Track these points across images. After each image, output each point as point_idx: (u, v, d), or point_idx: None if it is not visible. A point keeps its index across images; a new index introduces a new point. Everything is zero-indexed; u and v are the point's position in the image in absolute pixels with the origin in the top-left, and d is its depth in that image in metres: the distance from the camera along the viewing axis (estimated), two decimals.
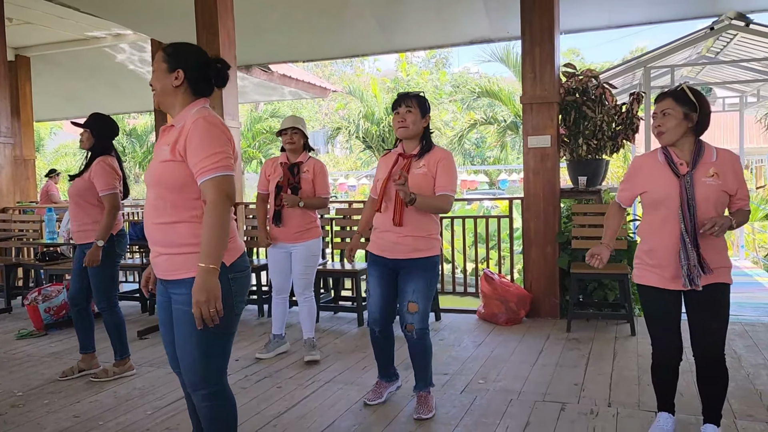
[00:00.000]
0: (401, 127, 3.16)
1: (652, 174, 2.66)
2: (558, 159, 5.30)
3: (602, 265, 2.71)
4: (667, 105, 2.61)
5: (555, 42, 5.22)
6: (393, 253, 3.16)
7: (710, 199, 2.55)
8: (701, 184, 2.56)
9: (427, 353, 3.25)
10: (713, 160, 2.59)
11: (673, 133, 2.59)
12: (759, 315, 5.62)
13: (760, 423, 3.01)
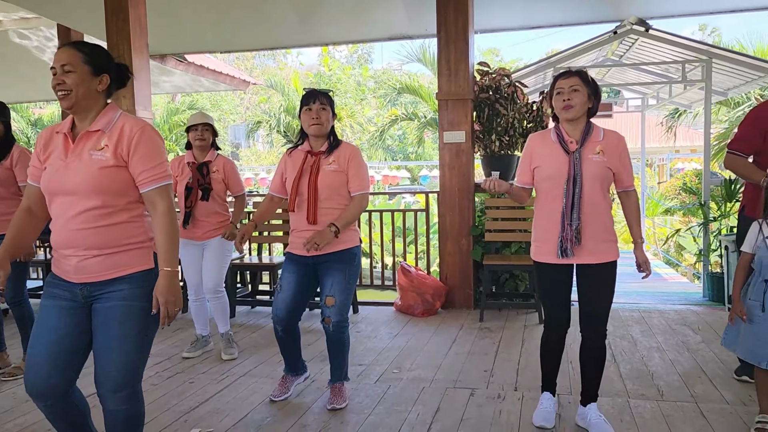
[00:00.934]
0: (315, 125, 3.12)
1: (544, 151, 2.80)
2: (472, 154, 5.46)
3: (494, 187, 2.80)
4: (575, 82, 2.72)
5: (470, 40, 5.36)
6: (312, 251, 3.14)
7: (596, 176, 2.71)
8: (588, 160, 2.72)
9: (345, 347, 3.25)
10: (600, 139, 2.76)
11: (580, 109, 2.72)
12: (655, 303, 6.00)
13: (650, 401, 3.23)
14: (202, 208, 4.03)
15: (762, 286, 2.69)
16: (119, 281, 2.09)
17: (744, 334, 2.75)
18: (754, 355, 2.73)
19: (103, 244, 2.06)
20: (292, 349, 3.35)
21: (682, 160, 21.67)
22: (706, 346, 4.17)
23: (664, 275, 8.75)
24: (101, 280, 2.08)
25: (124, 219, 2.10)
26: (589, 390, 2.92)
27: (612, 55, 8.45)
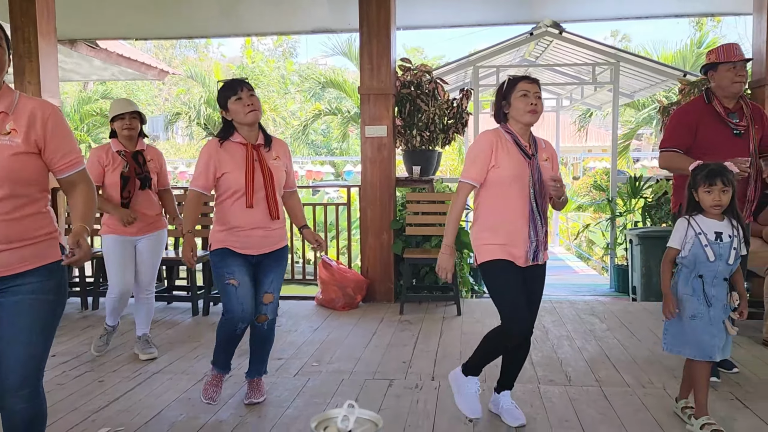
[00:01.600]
0: (253, 111, 2.95)
1: (502, 151, 2.73)
2: (394, 149, 5.52)
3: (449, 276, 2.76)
4: (537, 89, 2.76)
5: (392, 36, 5.41)
6: (260, 249, 3.05)
7: (545, 180, 2.79)
8: (542, 166, 2.78)
9: (271, 343, 3.24)
10: (544, 147, 2.85)
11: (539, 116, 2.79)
12: (566, 294, 6.30)
13: (558, 386, 3.39)
14: (141, 199, 3.82)
15: (697, 282, 2.71)
16: (32, 274, 1.99)
17: (689, 333, 2.73)
18: (703, 352, 2.71)
19: (13, 238, 1.94)
20: (236, 345, 3.21)
21: (594, 159, 22.72)
22: (610, 333, 4.41)
23: (575, 268, 9.17)
24: (8, 275, 1.96)
25: (33, 210, 2.00)
26: (507, 380, 2.98)
27: (529, 56, 8.76)
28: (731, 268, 2.71)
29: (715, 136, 3.38)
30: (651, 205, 6.50)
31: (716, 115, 3.41)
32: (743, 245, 2.72)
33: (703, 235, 2.68)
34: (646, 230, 6.01)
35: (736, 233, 2.69)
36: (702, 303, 2.71)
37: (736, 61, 3.36)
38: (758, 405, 3.07)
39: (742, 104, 3.44)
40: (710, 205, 2.67)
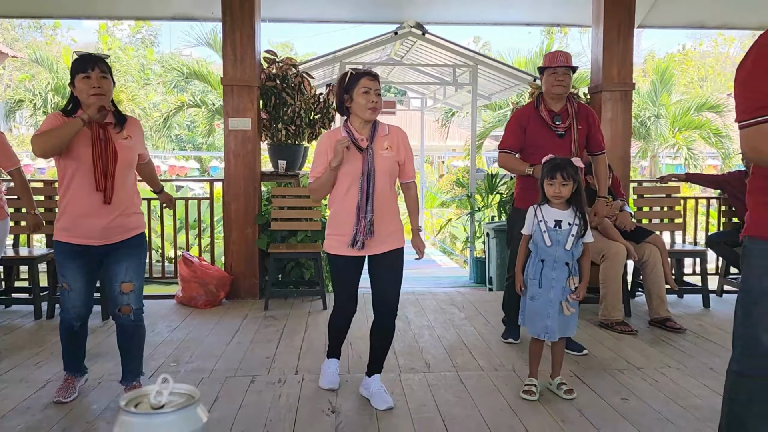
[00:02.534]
0: (98, 95, 2.77)
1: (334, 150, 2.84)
2: (259, 142, 5.41)
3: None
4: (378, 86, 2.85)
5: (256, 26, 5.30)
6: (105, 239, 2.86)
7: (386, 170, 2.89)
8: (379, 156, 2.88)
9: (143, 337, 3.11)
10: (386, 134, 2.93)
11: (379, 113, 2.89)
12: (429, 286, 6.54)
13: (419, 374, 3.51)
14: None
15: (539, 265, 2.97)
16: None
17: (528, 312, 3.05)
18: (534, 329, 3.03)
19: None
20: (82, 346, 3.12)
21: (458, 158, 23.79)
22: (468, 322, 4.64)
23: (438, 262, 9.54)
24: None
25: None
26: (376, 363, 3.13)
27: (395, 55, 8.97)
28: (571, 254, 2.94)
29: (541, 138, 3.73)
30: (506, 200, 6.92)
31: (542, 119, 3.74)
32: (590, 234, 2.98)
33: (543, 223, 2.95)
34: (502, 224, 6.39)
35: (578, 222, 2.93)
36: (539, 285, 2.95)
37: (556, 66, 3.69)
38: (593, 380, 3.38)
39: (568, 107, 3.76)
40: (551, 195, 2.94)
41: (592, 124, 3.85)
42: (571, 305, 2.99)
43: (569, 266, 2.95)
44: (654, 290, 4.52)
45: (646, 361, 3.69)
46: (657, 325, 4.44)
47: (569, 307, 2.98)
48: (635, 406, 3.02)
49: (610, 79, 5.44)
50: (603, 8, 5.42)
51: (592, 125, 3.85)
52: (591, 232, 3.03)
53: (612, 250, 4.42)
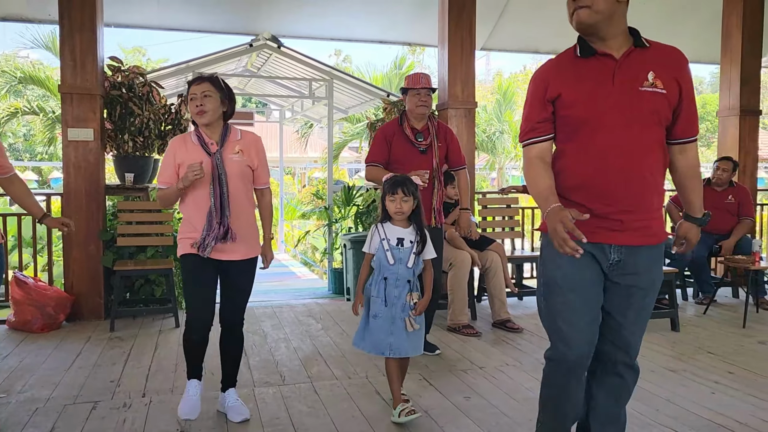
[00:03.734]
0: None
1: (187, 153, 2.86)
2: (102, 154, 5.12)
3: None
4: (207, 87, 2.83)
5: (98, 31, 5.03)
6: None
7: (237, 173, 2.89)
8: (228, 160, 2.87)
9: None
10: (238, 139, 2.94)
11: (213, 114, 2.84)
12: (288, 299, 6.53)
13: (273, 387, 3.51)
14: None
15: (382, 283, 2.95)
16: None
17: (370, 330, 2.97)
18: (378, 348, 2.94)
19: None
20: None
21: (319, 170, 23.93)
22: (324, 332, 4.71)
23: (298, 274, 9.54)
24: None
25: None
26: (229, 376, 3.10)
27: (251, 66, 8.89)
28: (412, 271, 2.96)
29: (405, 153, 3.91)
30: (362, 211, 7.10)
31: (405, 135, 3.93)
32: (430, 249, 3.01)
33: (386, 241, 2.95)
34: (358, 235, 6.55)
35: (419, 239, 2.98)
36: (383, 303, 2.94)
37: (419, 88, 3.90)
38: (440, 382, 3.58)
39: (429, 125, 3.99)
40: (393, 212, 2.96)
41: (451, 142, 4.07)
42: (415, 321, 2.96)
43: (410, 284, 2.97)
44: (496, 294, 4.88)
45: (487, 361, 3.98)
46: (499, 326, 4.79)
47: (413, 323, 2.95)
48: (476, 403, 3.25)
49: (455, 98, 5.81)
50: (447, 31, 5.77)
51: (451, 143, 4.07)
52: (431, 248, 3.04)
53: (458, 258, 4.72)
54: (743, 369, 3.84)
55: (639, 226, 2.08)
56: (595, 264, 2.11)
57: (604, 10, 1.96)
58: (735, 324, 4.98)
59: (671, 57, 2.07)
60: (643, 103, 2.00)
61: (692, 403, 3.25)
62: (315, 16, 7.04)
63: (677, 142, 2.13)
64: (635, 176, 2.03)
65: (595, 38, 2.04)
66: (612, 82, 2.02)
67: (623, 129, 2.01)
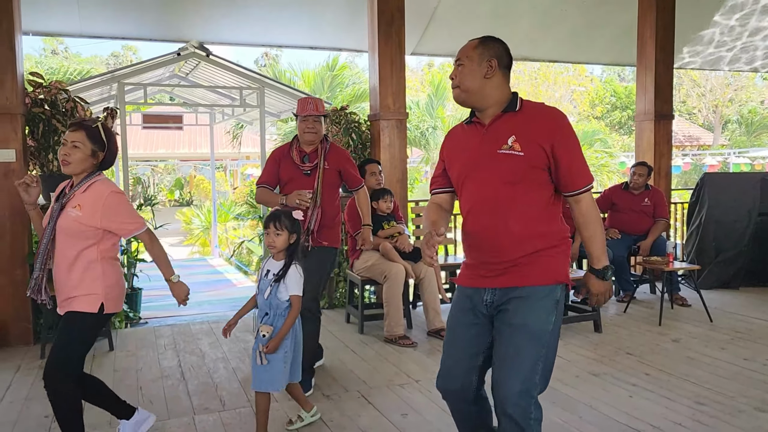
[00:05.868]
0: None
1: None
2: (25, 174, 4.94)
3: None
4: (78, 138, 2.73)
5: (17, 47, 4.85)
6: None
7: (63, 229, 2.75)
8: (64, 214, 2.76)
9: None
10: (82, 193, 2.76)
11: (78, 165, 2.75)
12: (225, 311, 6.48)
13: (213, 413, 3.54)
14: None
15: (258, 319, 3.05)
16: None
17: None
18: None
19: None
20: None
21: (252, 166, 23.59)
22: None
23: (234, 281, 9.44)
24: None
25: None
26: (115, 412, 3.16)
27: (179, 72, 8.71)
28: (269, 303, 2.98)
29: (289, 174, 4.00)
30: None
31: (292, 158, 4.01)
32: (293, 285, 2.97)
33: (262, 271, 3.11)
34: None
35: (281, 272, 2.96)
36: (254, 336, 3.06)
37: (306, 115, 3.92)
38: (378, 399, 3.70)
39: (319, 148, 4.02)
40: (267, 245, 3.06)
41: (345, 164, 4.10)
42: (265, 356, 2.94)
43: (268, 316, 2.98)
44: (430, 303, 5.04)
45: (423, 373, 4.13)
46: (433, 335, 4.96)
47: (263, 358, 2.95)
48: (413, 421, 3.39)
49: (387, 108, 5.92)
50: (377, 44, 5.87)
51: (345, 165, 4.10)
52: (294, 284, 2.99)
53: (392, 270, 4.85)
54: (658, 369, 4.15)
55: (505, 270, 2.23)
56: (471, 306, 2.33)
57: (471, 88, 2.25)
58: (652, 322, 5.35)
59: (539, 122, 2.20)
60: (500, 164, 2.20)
61: (612, 408, 3.51)
62: (242, 23, 6.97)
63: (567, 194, 2.25)
64: (500, 229, 2.21)
65: (476, 110, 2.32)
66: (479, 146, 2.27)
67: (484, 188, 2.24)
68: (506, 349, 2.19)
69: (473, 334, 2.32)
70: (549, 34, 8.14)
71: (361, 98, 13.74)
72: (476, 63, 2.23)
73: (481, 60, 2.23)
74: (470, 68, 2.23)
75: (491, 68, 2.23)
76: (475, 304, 2.31)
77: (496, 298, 2.26)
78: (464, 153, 2.31)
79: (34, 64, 23.63)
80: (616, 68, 32.15)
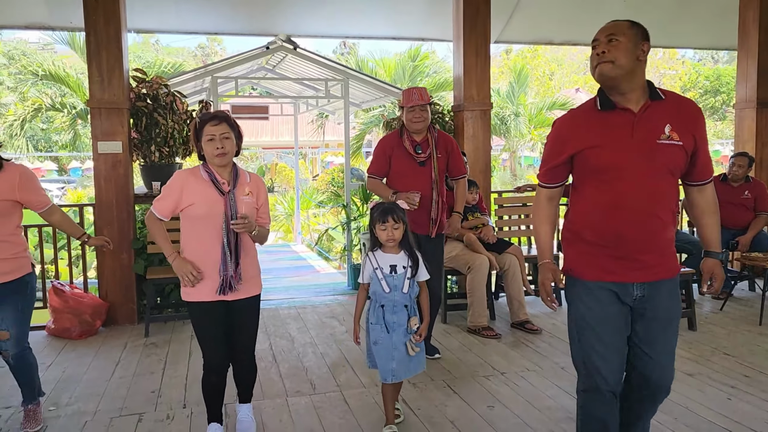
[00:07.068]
0: None
1: (197, 190, 2.83)
2: (131, 165, 5.28)
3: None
4: (224, 129, 2.81)
5: (123, 46, 5.16)
6: None
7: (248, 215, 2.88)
8: (240, 201, 2.87)
9: (32, 369, 3.27)
10: (248, 181, 2.95)
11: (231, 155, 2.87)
12: (309, 296, 6.67)
13: (305, 396, 3.69)
14: None
15: (380, 311, 2.98)
16: None
17: (375, 357, 3.02)
18: (381, 373, 3.00)
19: None
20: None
21: (332, 154, 24.01)
22: (348, 336, 4.87)
23: (317, 268, 9.70)
24: None
25: None
26: (244, 393, 3.23)
27: (266, 64, 8.98)
28: (408, 296, 2.99)
29: (404, 166, 4.06)
30: None
31: (404, 148, 4.05)
32: (423, 271, 3.03)
33: (379, 270, 2.97)
34: None
35: (411, 264, 2.99)
36: (383, 330, 2.98)
37: (411, 105, 3.99)
38: (463, 389, 3.74)
39: (428, 137, 4.07)
40: (385, 240, 2.98)
41: (452, 152, 4.17)
42: (416, 345, 3.02)
43: (408, 308, 3.00)
44: (514, 295, 5.02)
45: (508, 365, 4.14)
46: (518, 327, 4.94)
47: (413, 347, 3.01)
48: (499, 413, 3.41)
49: (471, 99, 5.89)
50: (462, 34, 5.84)
51: (452, 153, 4.17)
52: (424, 270, 3.05)
53: (477, 262, 4.86)
54: (759, 372, 3.96)
55: (655, 263, 2.25)
56: (617, 301, 2.29)
57: (625, 65, 2.14)
58: (751, 321, 5.09)
59: (687, 110, 2.22)
60: (660, 154, 2.16)
61: (708, 410, 3.39)
62: (327, 16, 7.10)
63: (695, 184, 2.32)
64: (649, 220, 2.19)
65: (615, 92, 2.20)
66: (632, 135, 2.17)
67: (641, 178, 2.17)
68: (662, 342, 2.30)
69: (622, 328, 2.30)
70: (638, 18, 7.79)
71: (442, 88, 13.68)
72: (632, 42, 2.15)
73: (636, 40, 2.16)
74: (626, 46, 2.14)
75: (643, 52, 2.18)
76: (621, 299, 2.27)
77: (646, 291, 2.26)
78: (612, 141, 2.18)
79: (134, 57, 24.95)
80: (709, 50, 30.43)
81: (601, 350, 2.29)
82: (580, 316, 2.34)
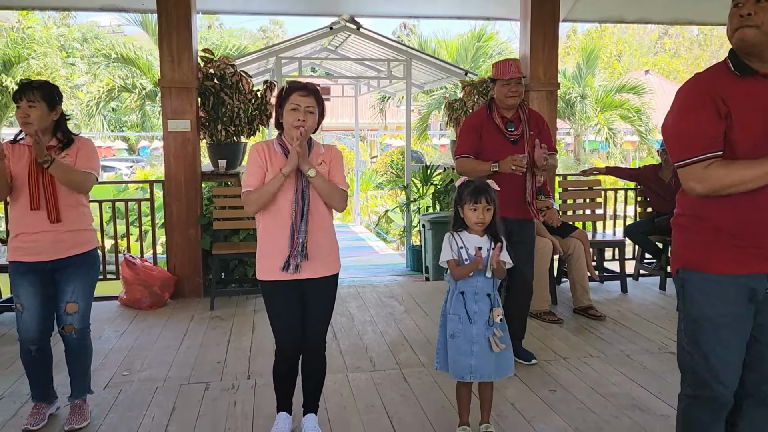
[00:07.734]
0: (25, 123, 2.85)
1: (274, 162, 2.69)
2: (198, 143, 5.43)
3: None
4: (311, 103, 2.65)
5: (193, 27, 5.29)
6: (52, 254, 2.93)
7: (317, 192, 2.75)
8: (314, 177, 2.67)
9: (88, 355, 3.16)
10: (321, 153, 2.79)
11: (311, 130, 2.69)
12: (368, 276, 6.76)
13: (365, 373, 3.74)
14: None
15: (459, 298, 2.71)
16: None
17: (449, 352, 2.75)
18: (458, 371, 2.72)
19: None
20: (45, 371, 3.11)
21: (391, 136, 24.01)
22: (407, 315, 4.90)
23: (375, 248, 9.78)
24: None
25: None
26: (310, 399, 2.96)
27: (329, 45, 9.03)
28: (492, 283, 2.71)
29: (495, 144, 3.75)
30: (440, 191, 7.20)
31: (496, 125, 3.79)
32: (508, 257, 2.75)
33: (464, 250, 2.70)
34: (437, 215, 6.67)
35: (494, 248, 2.69)
36: (463, 321, 2.69)
37: (508, 78, 3.75)
38: (524, 373, 3.68)
39: (520, 113, 3.84)
40: (474, 222, 2.70)
41: (543, 129, 3.90)
42: (500, 340, 2.69)
43: (491, 297, 2.71)
44: (578, 280, 4.91)
45: (570, 351, 4.07)
46: (580, 312, 4.84)
47: (498, 343, 2.68)
48: (561, 397, 3.37)
49: (537, 79, 5.76)
50: (530, 11, 5.70)
51: (543, 130, 3.90)
52: (507, 256, 2.75)
53: (540, 245, 4.75)
54: None
55: None
56: (744, 297, 2.03)
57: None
58: None
59: None
60: None
61: None
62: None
63: None
64: None
65: (754, 58, 1.95)
66: None
67: None
68: None
69: (747, 328, 2.05)
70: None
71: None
72: None
73: None
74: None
75: None
76: (753, 294, 2.01)
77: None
78: (760, 112, 1.91)
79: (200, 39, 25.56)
80: None
81: (722, 353, 2.03)
82: (701, 314, 2.06)
